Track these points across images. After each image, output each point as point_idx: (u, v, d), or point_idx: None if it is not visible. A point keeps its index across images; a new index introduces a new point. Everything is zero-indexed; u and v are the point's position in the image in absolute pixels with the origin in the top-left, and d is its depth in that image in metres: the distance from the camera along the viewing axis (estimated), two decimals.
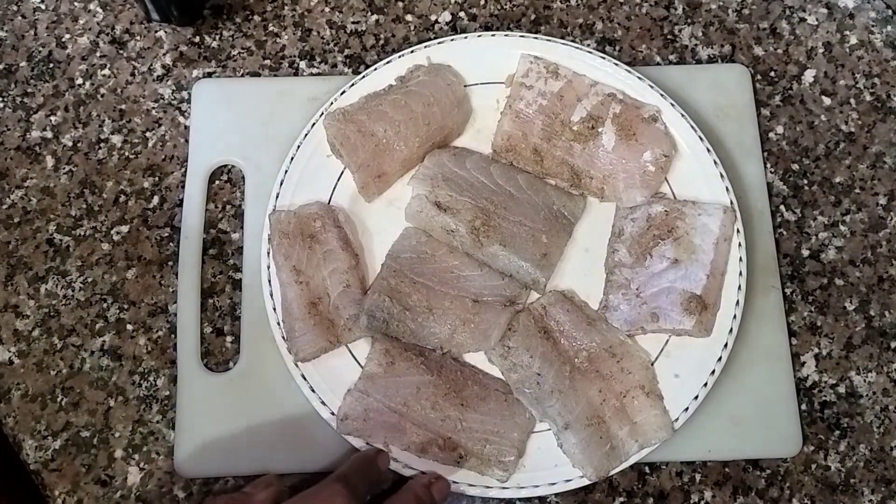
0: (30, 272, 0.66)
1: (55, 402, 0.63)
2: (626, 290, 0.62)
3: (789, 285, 0.67)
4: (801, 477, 0.62)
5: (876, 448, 0.63)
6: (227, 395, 0.61)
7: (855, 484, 0.62)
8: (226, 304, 0.65)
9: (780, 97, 0.73)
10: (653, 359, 0.61)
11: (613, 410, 0.59)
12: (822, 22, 0.75)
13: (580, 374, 0.60)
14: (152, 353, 0.64)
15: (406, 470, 0.58)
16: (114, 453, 0.62)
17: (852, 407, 0.64)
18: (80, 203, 0.68)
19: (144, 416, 0.62)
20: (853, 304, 0.67)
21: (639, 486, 0.61)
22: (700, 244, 0.62)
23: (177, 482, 0.61)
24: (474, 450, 0.58)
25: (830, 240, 0.68)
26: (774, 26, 0.75)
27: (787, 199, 0.69)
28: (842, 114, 0.72)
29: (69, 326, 0.65)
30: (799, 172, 0.70)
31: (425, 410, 0.59)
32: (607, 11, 0.76)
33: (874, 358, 0.65)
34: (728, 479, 0.62)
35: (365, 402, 0.59)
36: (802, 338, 0.66)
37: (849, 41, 0.75)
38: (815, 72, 0.74)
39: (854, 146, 0.71)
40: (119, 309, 0.65)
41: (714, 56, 0.74)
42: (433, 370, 0.60)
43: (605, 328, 0.62)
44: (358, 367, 0.61)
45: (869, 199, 0.70)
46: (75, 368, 0.64)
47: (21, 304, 0.65)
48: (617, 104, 0.66)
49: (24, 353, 0.64)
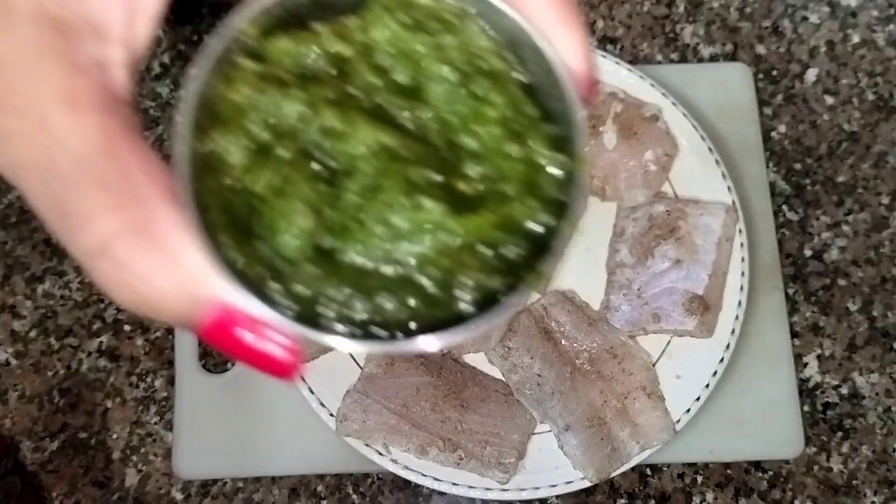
0: (27, 272, 0.66)
1: (52, 403, 0.62)
2: (627, 290, 0.62)
3: (792, 286, 0.66)
4: (804, 478, 0.62)
5: (879, 449, 0.63)
6: (225, 397, 0.61)
7: (857, 486, 0.62)
8: None
9: (783, 96, 0.72)
10: (654, 360, 0.61)
11: (615, 412, 0.59)
12: (824, 20, 0.75)
13: (581, 375, 0.60)
14: (150, 353, 0.64)
15: (406, 472, 0.57)
16: (111, 455, 0.61)
17: (855, 408, 0.64)
18: None
19: (142, 418, 0.62)
20: (856, 305, 0.66)
21: (640, 488, 0.61)
22: (702, 244, 0.62)
23: (175, 484, 0.60)
24: (474, 451, 0.58)
25: (833, 240, 0.68)
26: (777, 25, 0.75)
27: (789, 198, 0.69)
28: (844, 113, 0.72)
29: (66, 327, 0.64)
30: (801, 172, 0.70)
31: (425, 412, 0.58)
32: (608, 10, 0.75)
33: (877, 359, 0.65)
34: (730, 480, 0.61)
35: (364, 404, 0.58)
36: (805, 338, 0.65)
37: (851, 40, 0.74)
38: (818, 71, 0.73)
39: (857, 145, 0.71)
40: (116, 309, 0.65)
41: (716, 55, 0.73)
42: (433, 371, 0.59)
43: (607, 329, 0.61)
44: (357, 368, 0.61)
45: (872, 198, 0.69)
46: (73, 369, 0.63)
47: (18, 305, 0.65)
48: (618, 103, 0.66)
49: (22, 353, 0.64)
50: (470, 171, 0.24)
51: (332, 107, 0.23)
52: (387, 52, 0.25)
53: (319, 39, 0.24)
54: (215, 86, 0.23)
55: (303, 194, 0.22)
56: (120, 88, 0.23)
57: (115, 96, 0.22)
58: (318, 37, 0.24)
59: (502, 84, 0.25)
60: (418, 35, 0.25)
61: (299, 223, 0.22)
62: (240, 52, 0.24)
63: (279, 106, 0.23)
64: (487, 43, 0.25)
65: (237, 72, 0.24)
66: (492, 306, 0.23)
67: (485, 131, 0.24)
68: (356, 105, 0.24)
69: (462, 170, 0.24)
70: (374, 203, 0.23)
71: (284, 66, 0.24)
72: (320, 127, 0.23)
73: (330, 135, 0.23)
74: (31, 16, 0.21)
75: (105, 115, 0.22)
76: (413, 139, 0.24)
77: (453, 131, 0.24)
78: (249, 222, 0.23)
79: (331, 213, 0.23)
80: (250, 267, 0.22)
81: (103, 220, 0.21)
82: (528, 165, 0.24)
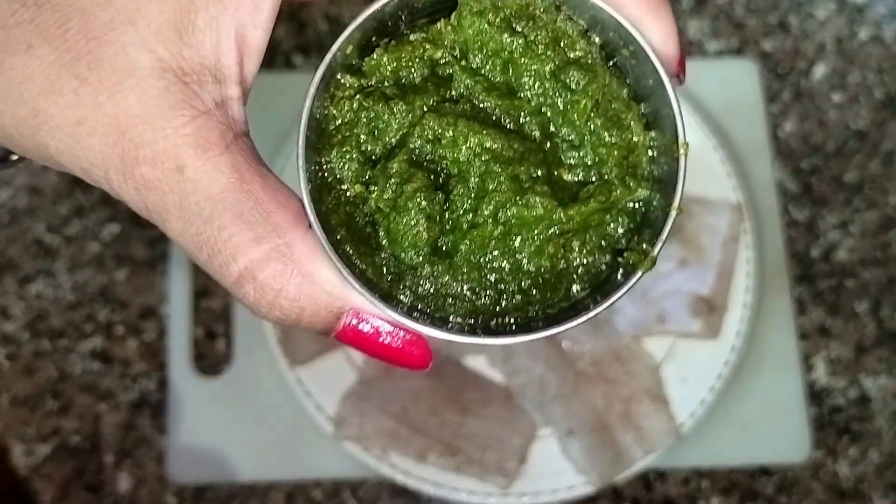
0: (18, 273, 0.65)
1: (44, 406, 0.61)
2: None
3: (799, 286, 0.65)
4: (811, 483, 0.61)
5: (886, 453, 0.62)
6: (219, 400, 0.60)
7: (865, 490, 0.61)
8: (219, 306, 0.64)
9: (790, 93, 0.71)
10: (658, 362, 0.60)
11: (618, 415, 0.58)
12: (831, 16, 0.74)
13: (584, 379, 0.59)
14: (143, 356, 0.63)
15: (404, 477, 0.57)
16: (104, 459, 0.60)
17: (863, 411, 0.63)
18: (70, 202, 0.67)
19: (135, 422, 0.61)
20: (864, 306, 0.65)
21: (644, 494, 0.60)
22: (707, 244, 0.61)
23: (168, 489, 0.60)
24: (474, 456, 0.57)
25: (841, 240, 0.67)
26: (783, 20, 0.74)
27: (796, 197, 0.68)
28: (852, 110, 0.71)
29: (58, 328, 0.63)
30: (808, 170, 0.69)
31: (424, 416, 0.58)
32: None
33: (885, 361, 0.64)
34: (736, 485, 0.61)
35: (362, 407, 0.58)
36: (812, 340, 0.64)
37: (859, 36, 0.73)
38: (825, 67, 0.72)
39: (864, 144, 0.70)
40: (109, 311, 0.64)
41: (722, 50, 0.72)
42: (432, 374, 0.59)
43: (610, 331, 0.60)
44: (355, 371, 0.60)
45: (880, 197, 0.68)
46: (65, 372, 0.62)
47: (10, 306, 0.64)
48: None
49: (13, 355, 0.63)
50: (571, 160, 0.26)
51: (434, 114, 0.25)
52: (480, 53, 0.26)
53: (414, 48, 0.26)
54: (323, 107, 0.26)
55: (419, 206, 0.24)
56: (239, 123, 0.25)
57: (237, 132, 0.25)
58: (413, 46, 0.26)
59: (593, 72, 0.26)
60: (509, 34, 0.26)
61: (419, 235, 0.24)
62: (342, 70, 0.26)
63: (383, 118, 0.25)
64: (575, 32, 0.26)
65: (340, 90, 0.26)
66: (604, 289, 0.25)
67: (580, 121, 0.26)
68: (456, 111, 0.26)
69: (563, 160, 0.26)
70: (486, 203, 0.25)
71: (385, 79, 0.26)
72: (423, 136, 0.25)
73: (435, 142, 0.25)
74: (152, 70, 0.23)
75: (233, 153, 0.24)
76: (514, 137, 0.25)
77: (551, 124, 0.26)
78: (372, 234, 0.25)
79: (446, 217, 0.25)
80: (377, 275, 0.25)
81: (248, 252, 0.24)
82: (624, 148, 0.26)
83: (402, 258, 0.25)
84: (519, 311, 0.25)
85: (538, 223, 0.25)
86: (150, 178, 0.23)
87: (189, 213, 0.24)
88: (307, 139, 0.25)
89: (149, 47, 0.23)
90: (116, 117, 0.23)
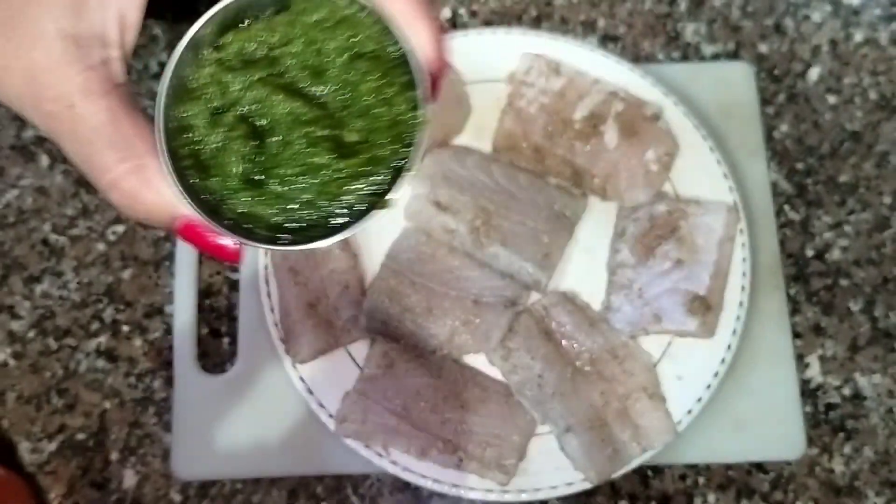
0: (25, 272, 0.65)
1: (50, 404, 0.62)
2: (628, 290, 0.62)
3: (793, 286, 0.66)
4: (806, 480, 0.61)
5: (881, 450, 0.62)
6: (223, 398, 0.61)
7: (860, 487, 0.61)
8: (223, 305, 0.64)
9: (785, 95, 0.72)
10: (655, 360, 0.61)
11: (616, 413, 0.59)
12: (826, 19, 0.74)
13: (582, 376, 0.60)
14: (148, 354, 0.63)
15: (405, 473, 0.57)
16: (110, 456, 0.61)
17: (857, 409, 0.63)
18: (76, 202, 0.67)
19: (140, 419, 0.62)
20: (858, 305, 0.66)
21: (641, 490, 0.61)
22: (703, 244, 0.61)
23: (173, 485, 0.60)
24: (475, 453, 0.58)
25: (835, 240, 0.68)
26: (779, 23, 0.74)
27: (791, 198, 0.69)
28: (847, 112, 0.71)
29: (64, 327, 0.64)
30: (803, 171, 0.70)
31: (425, 413, 0.58)
32: (609, 8, 0.75)
33: (879, 359, 0.64)
34: (731, 482, 0.61)
35: (363, 405, 0.58)
36: (807, 339, 0.65)
37: (854, 39, 0.74)
38: (820, 69, 0.73)
39: (859, 145, 0.70)
40: (115, 310, 0.64)
41: (718, 53, 0.73)
42: (433, 372, 0.59)
43: (608, 329, 0.61)
44: (357, 369, 0.60)
45: (874, 198, 0.69)
46: (70, 370, 0.63)
47: (16, 305, 0.64)
48: (619, 102, 0.66)
49: (20, 354, 0.63)
50: (354, 126, 0.35)
51: (261, 83, 0.34)
52: (300, 41, 0.35)
53: (256, 34, 0.35)
54: (191, 71, 0.34)
55: (237, 149, 0.34)
56: (118, 76, 0.34)
57: (116, 83, 0.34)
58: (256, 32, 0.35)
59: (380, 62, 0.35)
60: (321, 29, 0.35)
61: (235, 169, 0.34)
62: (204, 45, 0.35)
63: (227, 83, 0.34)
64: (372, 31, 0.35)
65: (202, 60, 0.34)
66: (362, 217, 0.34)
67: (364, 98, 0.35)
68: (276, 83, 0.35)
69: (349, 125, 0.35)
70: (287, 151, 0.34)
71: (234, 55, 0.35)
72: (251, 99, 0.34)
73: (258, 103, 0.34)
74: (56, 36, 0.32)
75: (110, 98, 0.33)
76: (315, 106, 0.35)
77: (345, 99, 0.35)
78: (209, 164, 0.34)
79: (258, 159, 0.34)
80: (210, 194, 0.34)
81: (114, 168, 0.33)
82: (392, 121, 0.35)
83: (223, 184, 0.33)
84: (305, 232, 0.34)
85: (322, 169, 0.34)
86: (52, 111, 0.33)
87: (77, 138, 0.33)
88: (169, 93, 0.33)
89: (54, 20, 0.32)
90: (30, 67, 0.32)
